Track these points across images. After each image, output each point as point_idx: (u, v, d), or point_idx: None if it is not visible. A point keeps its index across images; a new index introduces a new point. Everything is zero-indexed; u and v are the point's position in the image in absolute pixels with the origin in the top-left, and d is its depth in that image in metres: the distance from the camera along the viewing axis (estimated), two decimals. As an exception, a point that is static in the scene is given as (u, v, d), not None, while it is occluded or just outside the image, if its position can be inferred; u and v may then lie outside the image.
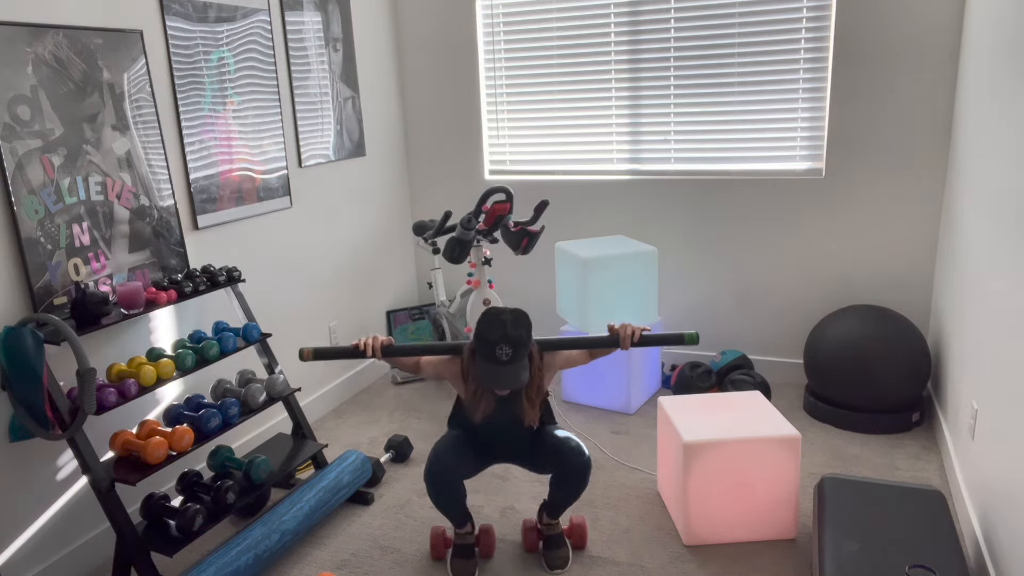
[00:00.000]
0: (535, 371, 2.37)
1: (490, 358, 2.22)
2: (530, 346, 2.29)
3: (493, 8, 4.11)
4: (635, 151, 4.03)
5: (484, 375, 2.26)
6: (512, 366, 2.22)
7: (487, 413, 2.39)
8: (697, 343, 2.36)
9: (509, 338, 2.20)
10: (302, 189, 3.60)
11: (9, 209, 2.30)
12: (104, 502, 2.31)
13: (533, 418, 2.42)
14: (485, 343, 2.23)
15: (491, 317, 2.25)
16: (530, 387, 2.38)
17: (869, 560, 2.05)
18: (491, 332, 2.22)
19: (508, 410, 2.41)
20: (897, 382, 3.26)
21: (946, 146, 3.46)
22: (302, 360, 2.37)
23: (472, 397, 2.39)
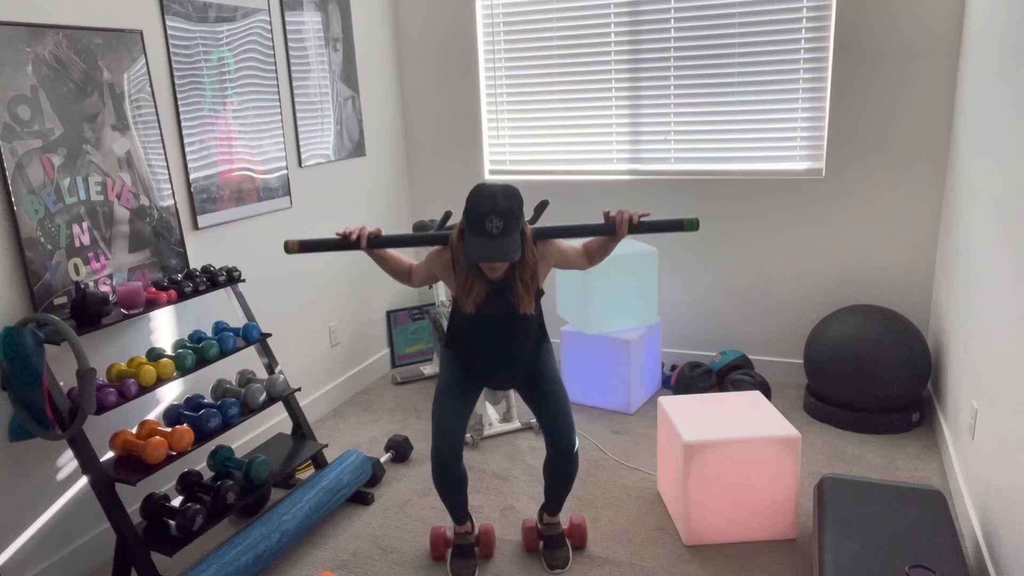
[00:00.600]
0: (528, 252, 2.24)
1: (480, 232, 2.09)
2: (522, 223, 2.17)
3: (493, 8, 4.11)
4: (635, 151, 4.03)
5: (474, 250, 2.12)
6: (503, 240, 2.09)
7: (479, 300, 2.26)
8: (697, 229, 2.24)
9: (499, 210, 2.07)
10: (302, 189, 3.60)
11: (9, 209, 2.30)
12: (104, 502, 2.31)
13: (528, 304, 2.28)
14: (474, 216, 2.09)
15: (480, 190, 2.12)
16: (523, 270, 2.25)
17: (869, 560, 2.05)
18: (480, 205, 2.08)
19: (501, 301, 2.28)
20: (897, 382, 3.26)
21: (946, 146, 3.46)
22: (287, 252, 2.30)
23: (463, 284, 2.27)
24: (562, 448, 2.41)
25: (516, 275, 2.26)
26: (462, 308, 2.32)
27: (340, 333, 3.97)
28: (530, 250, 2.26)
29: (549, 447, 2.44)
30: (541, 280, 2.34)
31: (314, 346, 3.77)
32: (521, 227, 2.18)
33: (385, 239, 2.31)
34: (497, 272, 2.23)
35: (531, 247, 2.26)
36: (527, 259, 2.25)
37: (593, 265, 2.42)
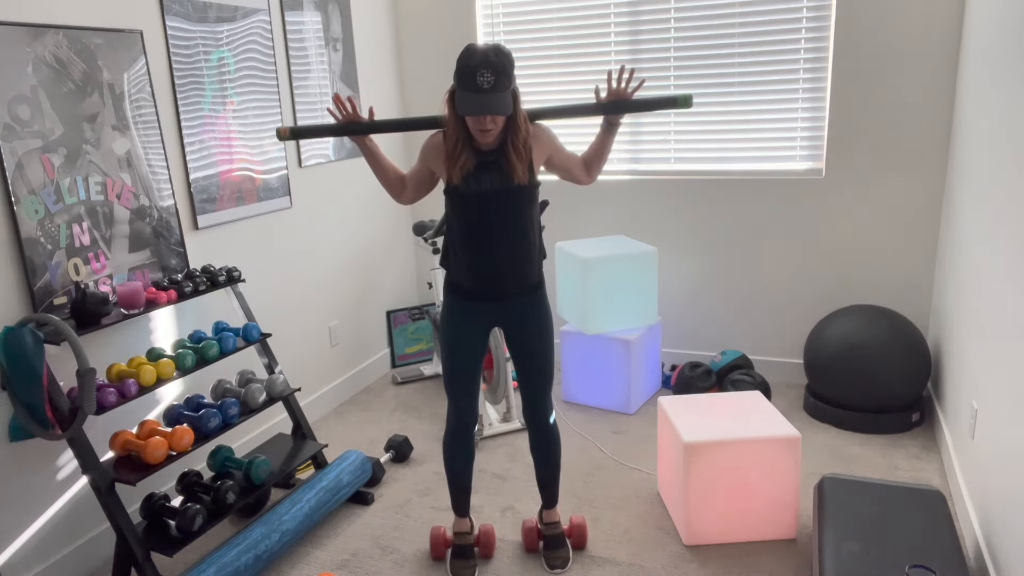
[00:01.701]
0: (519, 118, 2.16)
1: (471, 86, 2.02)
2: (513, 83, 2.10)
3: (493, 8, 4.11)
4: (635, 151, 4.03)
5: (464, 104, 2.04)
6: (495, 95, 2.02)
7: (468, 169, 2.18)
8: (690, 105, 2.18)
9: (491, 64, 2.00)
10: (302, 189, 3.60)
11: (9, 209, 2.30)
12: (104, 502, 2.31)
13: (522, 174, 2.18)
14: (465, 71, 2.02)
15: (471, 46, 2.06)
16: (515, 135, 2.16)
17: (869, 560, 2.05)
18: (472, 59, 2.02)
19: (492, 173, 2.19)
20: (897, 382, 3.26)
21: (946, 146, 3.46)
22: (280, 139, 2.28)
23: (451, 152, 2.19)
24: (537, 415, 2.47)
25: (508, 141, 2.18)
26: (451, 183, 2.22)
27: (340, 333, 3.97)
28: (523, 118, 2.19)
29: (525, 414, 2.50)
30: (536, 163, 2.26)
31: (314, 346, 3.77)
32: (513, 88, 2.12)
33: (379, 123, 2.25)
34: (488, 136, 2.14)
35: (524, 116, 2.19)
36: (519, 125, 2.17)
37: (591, 177, 2.36)
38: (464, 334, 2.38)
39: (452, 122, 2.18)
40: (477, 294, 2.34)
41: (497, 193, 2.21)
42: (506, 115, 2.09)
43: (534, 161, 2.25)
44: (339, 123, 2.27)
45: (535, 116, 2.27)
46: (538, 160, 2.28)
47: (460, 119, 2.17)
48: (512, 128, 2.17)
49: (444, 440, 2.51)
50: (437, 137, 2.27)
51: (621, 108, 2.23)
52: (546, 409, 2.47)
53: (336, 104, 2.26)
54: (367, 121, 2.27)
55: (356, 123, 2.27)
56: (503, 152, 2.19)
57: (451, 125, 2.19)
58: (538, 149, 2.26)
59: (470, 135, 2.18)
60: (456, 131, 2.18)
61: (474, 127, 2.13)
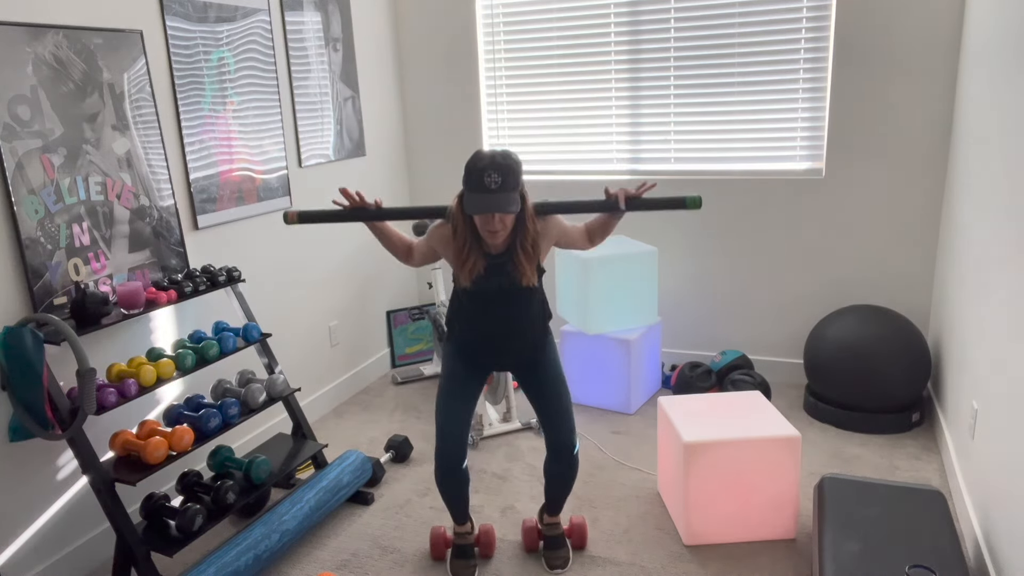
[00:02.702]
0: (528, 218, 2.20)
1: (479, 187, 2.07)
2: (520, 184, 2.15)
3: (493, 8, 4.11)
4: (635, 151, 4.03)
5: (472, 204, 2.09)
6: (501, 194, 2.06)
7: (477, 273, 2.22)
8: (699, 207, 2.23)
9: (498, 165, 2.06)
10: (302, 189, 3.60)
11: (9, 209, 2.30)
12: (104, 502, 2.31)
13: (530, 276, 2.24)
14: (473, 173, 2.08)
15: (479, 151, 2.13)
16: (524, 238, 2.21)
17: (869, 560, 2.05)
18: (479, 161, 2.08)
19: (501, 275, 2.24)
20: (897, 382, 3.26)
21: (946, 146, 3.46)
22: (287, 223, 2.30)
23: (460, 252, 2.22)
24: (562, 449, 2.42)
25: (516, 244, 2.21)
26: (459, 282, 2.27)
27: (340, 333, 3.97)
28: (531, 219, 2.22)
29: (549, 448, 2.45)
30: (542, 256, 2.30)
31: (314, 346, 3.77)
32: (521, 190, 2.15)
33: (386, 211, 2.29)
34: (497, 237, 2.17)
35: (532, 216, 2.23)
36: (527, 227, 2.21)
37: (594, 245, 2.40)
38: (461, 381, 2.43)
39: (462, 224, 2.21)
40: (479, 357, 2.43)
41: (505, 292, 2.27)
42: (513, 213, 2.12)
43: (543, 250, 2.29)
44: (346, 209, 2.30)
45: (543, 211, 2.29)
46: (546, 250, 2.32)
47: (469, 221, 2.20)
48: (520, 230, 2.21)
49: (435, 473, 2.45)
50: (446, 229, 2.27)
51: (630, 206, 2.26)
52: (571, 441, 2.43)
53: (344, 195, 2.29)
54: (374, 209, 2.30)
55: (363, 210, 2.30)
56: (512, 255, 2.23)
57: (460, 227, 2.22)
58: (546, 243, 2.31)
59: (479, 236, 2.21)
60: (465, 233, 2.21)
61: (483, 228, 2.16)
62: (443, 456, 2.39)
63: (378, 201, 2.30)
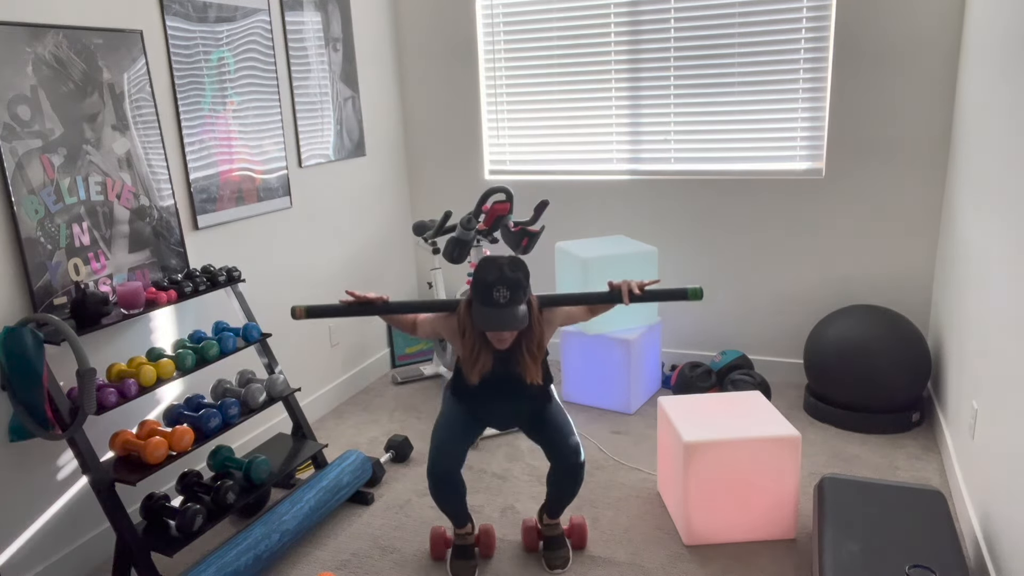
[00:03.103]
0: (534, 322, 2.28)
1: (488, 302, 2.15)
2: (528, 293, 2.23)
3: (493, 8, 4.11)
4: (635, 151, 4.03)
5: (481, 319, 2.18)
6: (510, 309, 2.14)
7: (485, 371, 2.31)
8: (701, 299, 2.29)
9: (507, 280, 2.13)
10: (302, 189, 3.60)
11: (9, 209, 2.30)
12: (104, 502, 2.31)
13: (535, 375, 2.33)
14: (483, 286, 2.15)
15: (488, 262, 2.19)
16: (530, 340, 2.30)
17: (869, 560, 2.05)
18: (488, 275, 2.15)
19: (508, 369, 2.33)
20: (897, 382, 3.26)
21: (946, 146, 3.46)
22: (294, 318, 2.33)
23: (470, 354, 2.31)
24: (569, 466, 2.43)
25: (523, 345, 2.30)
26: (468, 378, 2.36)
27: (340, 333, 3.97)
28: (536, 321, 2.31)
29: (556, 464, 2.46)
30: (546, 340, 2.40)
31: (314, 346, 3.77)
32: (528, 297, 2.24)
33: (392, 305, 2.36)
34: (504, 342, 2.27)
35: (538, 318, 2.32)
36: (534, 330, 2.30)
37: (595, 316, 2.47)
38: (463, 415, 2.47)
39: (470, 329, 2.29)
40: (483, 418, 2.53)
41: (509, 380, 2.36)
42: (521, 329, 2.21)
43: (547, 337, 2.39)
44: (353, 304, 2.35)
45: (548, 303, 2.37)
46: (550, 335, 2.41)
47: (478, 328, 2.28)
48: (527, 333, 2.30)
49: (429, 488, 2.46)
50: (454, 322, 2.36)
51: (633, 299, 2.31)
52: (579, 457, 2.43)
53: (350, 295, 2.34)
54: (381, 304, 2.35)
55: (370, 304, 2.35)
56: (518, 354, 2.31)
57: (469, 331, 2.30)
58: (551, 330, 2.40)
59: (486, 338, 2.29)
60: (473, 337, 2.30)
61: (491, 337, 2.26)
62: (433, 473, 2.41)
63: (384, 297, 2.37)
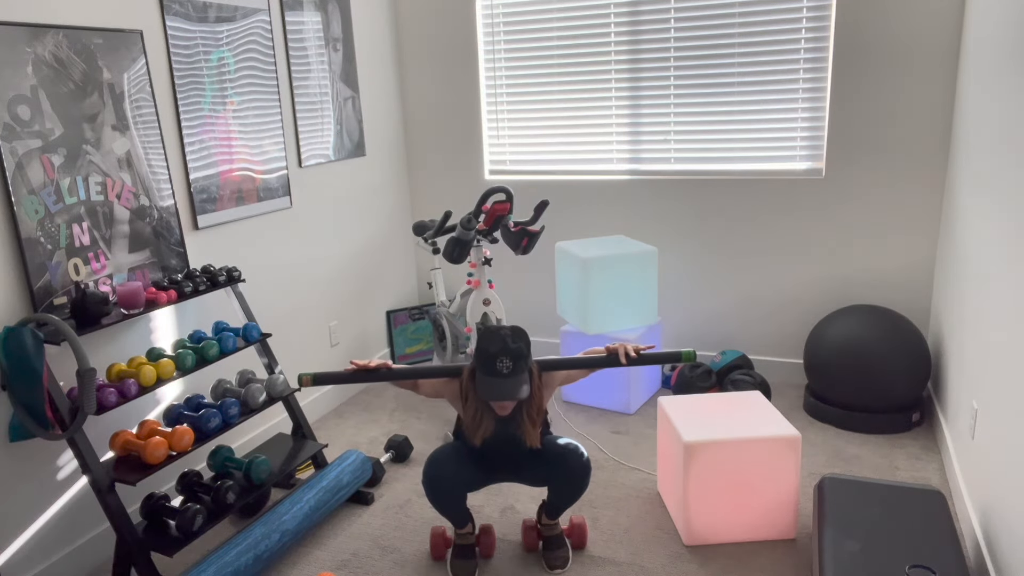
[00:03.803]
0: (535, 388, 2.37)
1: (491, 372, 2.24)
2: (530, 363, 2.31)
3: (493, 8, 4.11)
4: (635, 151, 4.03)
5: (485, 389, 2.27)
6: (513, 379, 2.24)
7: (487, 436, 2.39)
8: (694, 360, 2.41)
9: (509, 351, 2.23)
10: (302, 189, 3.60)
11: (9, 209, 2.30)
12: (104, 502, 2.31)
13: (535, 439, 2.41)
14: (486, 356, 2.24)
15: (490, 332, 2.28)
16: (531, 406, 2.39)
17: (869, 560, 2.05)
18: (491, 346, 2.24)
19: (508, 432, 2.41)
20: (897, 382, 3.26)
21: (946, 146, 3.46)
22: (301, 387, 2.42)
23: (472, 419, 2.39)
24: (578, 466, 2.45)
25: (523, 412, 2.38)
26: (470, 440, 2.41)
27: (340, 333, 3.97)
28: (536, 388, 2.38)
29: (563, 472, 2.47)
30: (546, 402, 2.46)
31: (314, 346, 3.77)
32: (530, 367, 2.31)
33: (396, 372, 2.44)
34: (506, 410, 2.34)
35: (538, 384, 2.39)
36: (534, 397, 2.38)
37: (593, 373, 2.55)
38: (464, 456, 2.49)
39: (473, 395, 2.37)
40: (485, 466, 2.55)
41: (509, 442, 2.43)
42: (523, 399, 2.31)
43: (545, 401, 2.45)
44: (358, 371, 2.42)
45: (547, 367, 2.44)
46: (549, 396, 2.49)
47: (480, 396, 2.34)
48: (527, 400, 2.37)
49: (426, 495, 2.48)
50: (455, 386, 2.44)
51: (629, 363, 2.39)
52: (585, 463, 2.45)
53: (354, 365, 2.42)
54: (385, 371, 2.44)
55: (375, 372, 2.43)
56: (518, 418, 2.39)
57: (472, 398, 2.37)
58: (550, 391, 2.48)
59: (489, 404, 2.37)
60: (476, 403, 2.38)
61: (494, 404, 2.34)
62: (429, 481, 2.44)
63: (388, 364, 2.44)
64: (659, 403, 2.85)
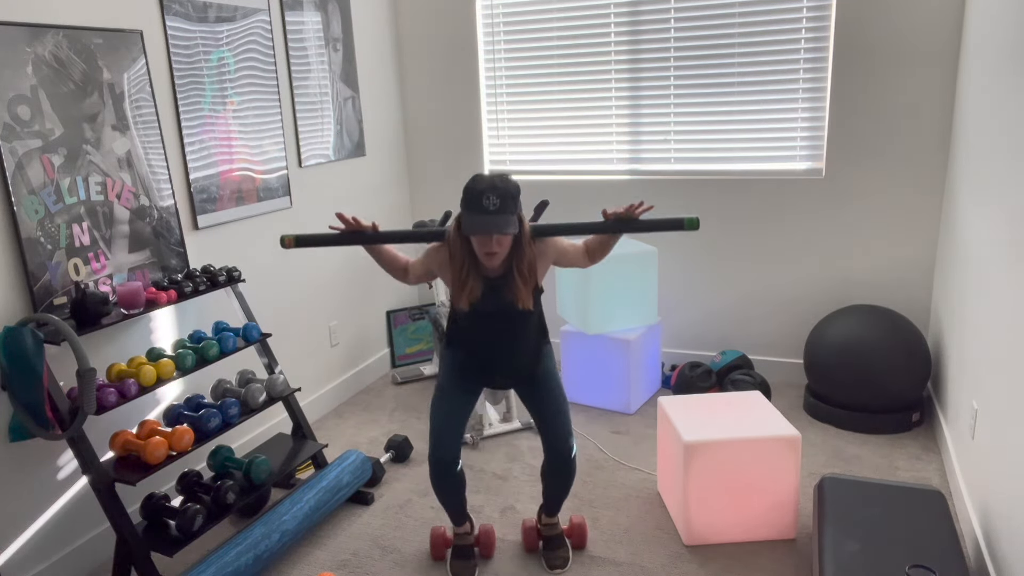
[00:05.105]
0: (525, 243, 2.23)
1: (477, 208, 2.10)
2: (519, 209, 2.18)
3: (493, 8, 4.11)
4: (635, 151, 4.03)
5: (470, 225, 2.12)
6: (500, 216, 2.10)
7: (474, 298, 2.24)
8: (697, 228, 2.26)
9: (496, 188, 2.09)
10: (302, 189, 3.60)
11: (9, 209, 2.30)
12: (104, 502, 2.31)
13: (526, 299, 2.25)
14: (472, 195, 2.11)
15: (478, 174, 2.18)
16: (520, 260, 2.23)
17: (869, 560, 2.05)
18: (478, 184, 2.12)
19: (499, 298, 2.26)
20: (897, 382, 3.26)
21: (946, 146, 3.46)
22: (283, 247, 2.30)
23: (458, 277, 2.25)
24: (560, 453, 2.42)
25: (513, 268, 2.24)
26: (457, 305, 2.30)
27: (340, 333, 3.97)
28: (528, 243, 2.25)
29: (547, 451, 2.45)
30: (540, 277, 2.32)
31: (314, 346, 3.77)
32: (519, 214, 2.18)
33: (383, 235, 2.31)
34: (494, 260, 2.20)
35: (529, 241, 2.25)
36: (524, 251, 2.24)
37: (594, 263, 2.41)
38: (459, 380, 2.44)
39: (459, 248, 2.24)
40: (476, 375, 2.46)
41: (502, 314, 2.29)
42: (510, 235, 2.15)
43: (540, 271, 2.32)
44: (343, 232, 2.30)
45: (540, 233, 2.31)
46: (543, 270, 2.34)
47: (467, 245, 2.22)
48: (517, 253, 2.24)
49: (430, 477, 2.45)
50: (444, 252, 2.30)
51: (627, 228, 2.27)
52: (570, 447, 2.44)
53: (340, 220, 2.29)
54: (371, 232, 2.31)
55: (360, 234, 2.30)
56: (509, 278, 2.25)
57: (458, 251, 2.24)
58: (544, 264, 2.33)
59: (477, 260, 2.23)
60: (463, 257, 2.24)
61: (480, 250, 2.18)
62: (435, 461, 2.40)
63: (374, 224, 2.32)
64: (659, 403, 2.85)
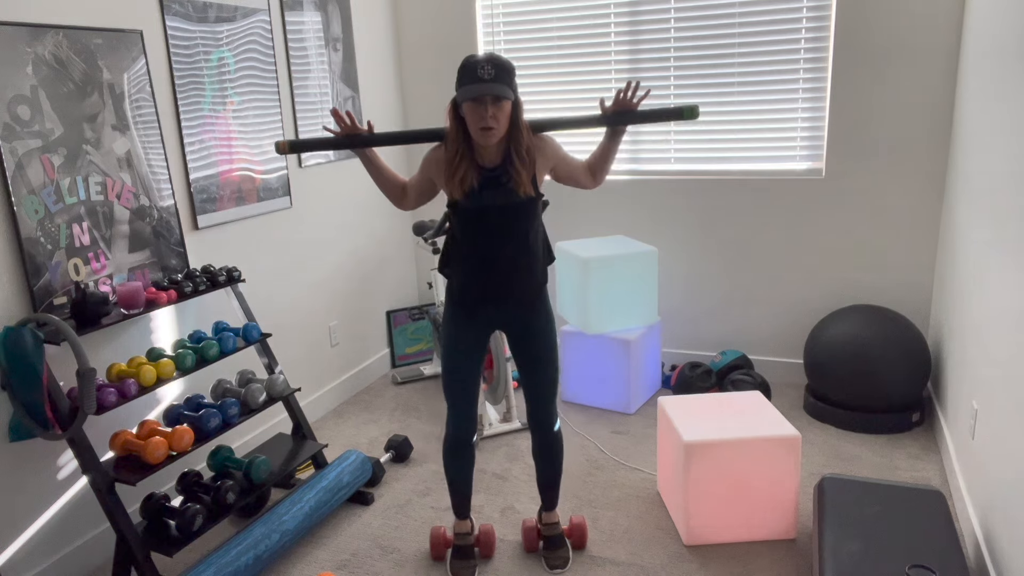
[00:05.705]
0: (522, 127, 2.16)
1: (472, 79, 2.04)
2: (515, 88, 2.11)
3: (493, 8, 4.11)
4: (635, 151, 4.03)
5: (465, 92, 2.05)
6: (495, 84, 2.03)
7: (469, 187, 2.16)
8: (697, 117, 2.19)
9: (492, 60, 2.05)
10: (302, 189, 3.60)
11: (9, 209, 2.30)
12: (104, 502, 2.31)
13: (526, 184, 2.17)
14: (467, 69, 2.06)
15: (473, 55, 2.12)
16: (519, 144, 2.15)
17: (869, 560, 2.05)
18: (473, 58, 2.07)
19: (497, 191, 2.18)
20: (897, 382, 3.26)
21: (946, 146, 3.46)
22: (279, 152, 2.26)
23: (452, 163, 2.17)
24: (542, 423, 2.46)
25: (511, 152, 2.16)
26: (451, 196, 2.21)
27: (340, 333, 3.97)
28: (525, 127, 2.18)
29: (530, 421, 2.48)
30: (540, 178, 2.25)
31: (314, 346, 3.77)
32: (515, 93, 2.11)
33: (379, 136, 2.24)
34: (491, 137, 2.10)
35: (526, 126, 2.19)
36: (521, 135, 2.16)
37: (597, 182, 2.34)
38: (463, 340, 2.38)
39: (453, 133, 2.17)
40: (478, 302, 2.34)
41: (500, 208, 2.20)
42: (507, 100, 2.08)
43: (538, 172, 2.24)
44: (338, 136, 2.25)
45: (538, 128, 2.25)
46: (542, 172, 2.26)
47: (462, 129, 2.16)
48: (515, 137, 2.16)
49: (444, 447, 2.50)
50: (439, 151, 2.24)
51: (626, 120, 2.19)
52: (551, 416, 2.46)
53: (335, 118, 2.24)
54: (366, 134, 2.25)
55: (355, 136, 2.25)
56: (506, 166, 2.17)
57: (453, 135, 2.17)
58: (542, 160, 2.24)
59: (471, 147, 2.18)
60: (457, 142, 2.17)
61: (475, 126, 2.10)
62: (456, 423, 2.43)
63: (370, 124, 2.27)
64: (659, 403, 2.85)
